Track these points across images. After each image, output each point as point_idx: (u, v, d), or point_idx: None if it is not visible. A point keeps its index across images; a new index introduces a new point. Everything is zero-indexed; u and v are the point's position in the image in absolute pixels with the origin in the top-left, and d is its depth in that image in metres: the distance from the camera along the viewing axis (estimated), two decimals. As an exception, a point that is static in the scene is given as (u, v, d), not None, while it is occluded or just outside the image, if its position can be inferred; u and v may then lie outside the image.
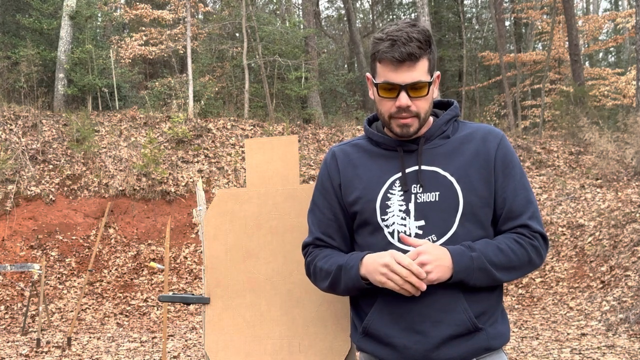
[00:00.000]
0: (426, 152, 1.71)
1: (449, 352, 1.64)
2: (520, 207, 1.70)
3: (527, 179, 1.76)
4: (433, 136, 1.73)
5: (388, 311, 1.68)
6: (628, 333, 6.61)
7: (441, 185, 1.68)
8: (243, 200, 2.26)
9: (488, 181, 1.69)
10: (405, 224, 1.68)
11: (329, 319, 2.13)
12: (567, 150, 12.88)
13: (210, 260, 2.26)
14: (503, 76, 17.77)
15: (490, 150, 1.71)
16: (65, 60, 14.69)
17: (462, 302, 1.64)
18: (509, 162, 1.72)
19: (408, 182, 1.69)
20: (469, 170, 1.69)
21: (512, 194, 1.70)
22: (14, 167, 11.19)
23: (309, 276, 1.86)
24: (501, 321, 1.73)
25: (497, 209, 1.71)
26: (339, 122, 15.16)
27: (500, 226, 1.72)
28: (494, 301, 1.71)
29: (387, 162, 1.74)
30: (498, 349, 1.71)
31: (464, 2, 23.31)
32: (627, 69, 19.32)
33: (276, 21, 19.00)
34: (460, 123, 1.80)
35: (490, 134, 1.74)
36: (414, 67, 1.62)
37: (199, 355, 6.81)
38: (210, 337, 2.23)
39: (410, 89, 1.63)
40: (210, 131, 13.00)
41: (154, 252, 10.51)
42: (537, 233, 1.70)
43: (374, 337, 1.71)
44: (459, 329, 1.63)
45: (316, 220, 1.83)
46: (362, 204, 1.73)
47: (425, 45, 1.62)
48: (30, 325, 8.68)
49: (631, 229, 8.92)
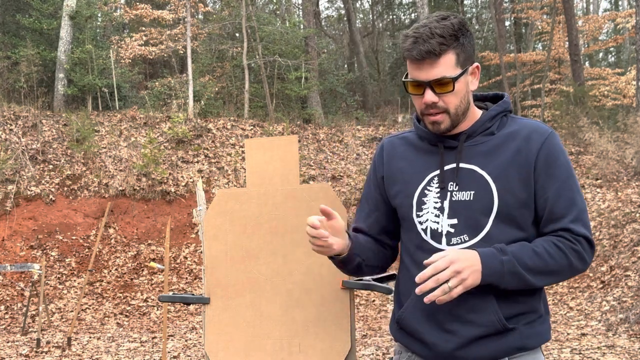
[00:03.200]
0: (466, 150, 1.68)
1: (479, 351, 1.63)
2: (563, 209, 1.63)
3: (575, 180, 1.67)
4: (475, 132, 1.69)
5: (420, 308, 1.68)
6: (628, 333, 6.61)
7: (477, 184, 1.64)
8: (243, 200, 2.26)
9: (527, 181, 1.63)
10: (438, 221, 1.67)
11: (329, 319, 2.12)
12: (567, 150, 12.87)
13: (210, 260, 2.26)
14: (503, 76, 17.76)
15: (533, 149, 1.64)
16: (65, 60, 14.68)
17: (492, 304, 1.61)
18: (553, 161, 1.64)
19: (445, 180, 1.67)
20: (509, 169, 1.63)
21: (555, 195, 1.63)
22: (14, 167, 11.19)
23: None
24: (540, 321, 1.68)
25: (538, 210, 1.65)
26: (339, 122, 15.16)
27: (542, 228, 1.66)
28: (533, 302, 1.67)
29: (429, 158, 1.73)
30: (535, 348, 1.67)
31: (464, 2, 23.31)
32: (627, 69, 19.30)
33: (276, 21, 19.00)
34: (510, 118, 1.73)
35: (536, 132, 1.66)
36: (436, 64, 1.59)
37: (199, 355, 6.81)
38: (210, 337, 2.23)
39: (435, 85, 1.61)
40: (210, 131, 12.99)
41: (154, 252, 10.51)
42: (581, 237, 1.62)
43: (406, 331, 1.74)
44: (488, 329, 1.61)
45: (358, 211, 1.88)
46: (401, 198, 1.74)
47: (450, 39, 1.59)
48: (30, 325, 8.68)
49: (631, 229, 8.91)
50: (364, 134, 13.87)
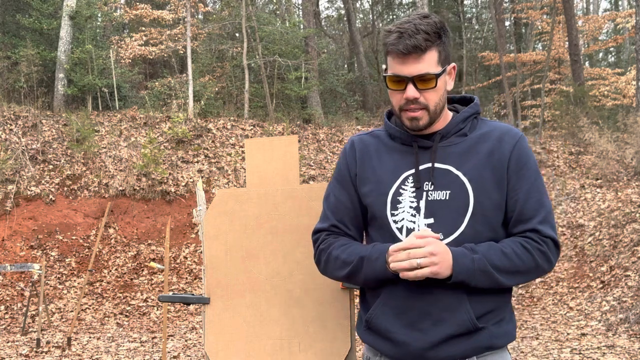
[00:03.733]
0: (441, 150, 1.69)
1: (449, 350, 1.63)
2: (532, 210, 1.66)
3: (542, 182, 1.71)
4: (449, 133, 1.71)
5: (390, 306, 1.68)
6: (628, 333, 6.61)
7: (453, 184, 1.66)
8: (243, 200, 2.26)
9: (500, 183, 1.66)
10: (414, 220, 1.67)
11: (329, 319, 2.12)
12: (567, 150, 12.87)
13: (210, 260, 2.26)
14: (503, 76, 17.76)
15: (505, 151, 1.68)
16: (65, 60, 14.68)
17: (465, 303, 1.62)
18: (524, 163, 1.68)
19: (421, 179, 1.68)
20: (483, 170, 1.66)
21: (524, 197, 1.66)
22: (14, 167, 11.19)
23: (319, 263, 1.82)
24: (507, 320, 1.70)
25: (508, 211, 1.68)
26: (339, 122, 15.16)
27: (510, 229, 1.69)
28: (501, 302, 1.69)
29: (402, 157, 1.72)
30: (502, 348, 1.70)
31: (464, 2, 23.31)
32: (627, 69, 19.30)
33: (276, 21, 18.98)
34: (480, 121, 1.76)
35: (507, 134, 1.71)
36: (421, 59, 1.61)
37: (199, 355, 6.81)
38: (210, 337, 2.23)
39: (417, 80, 1.62)
40: (210, 131, 12.99)
41: (154, 252, 10.51)
42: (548, 238, 1.66)
43: (375, 331, 1.71)
44: (459, 328, 1.62)
45: (332, 207, 1.80)
46: (373, 197, 1.72)
47: (434, 36, 1.61)
48: (30, 325, 8.68)
49: (631, 229, 8.91)
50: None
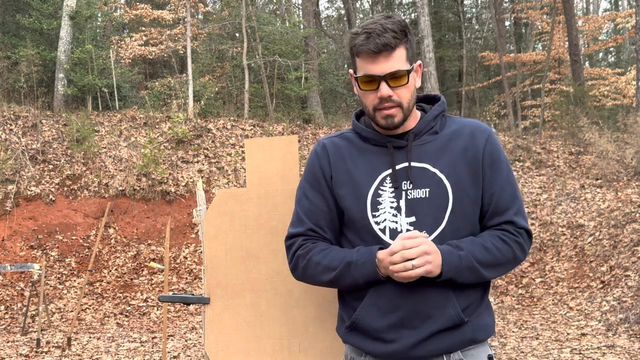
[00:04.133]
0: (415, 149, 1.71)
1: (435, 346, 1.65)
2: (506, 202, 1.71)
3: (513, 174, 1.76)
4: (422, 132, 1.73)
5: (378, 306, 1.68)
6: (628, 333, 6.61)
7: (431, 181, 1.67)
8: (243, 200, 2.26)
9: (476, 178, 1.70)
10: (396, 220, 1.67)
11: (328, 319, 2.13)
12: (567, 150, 12.87)
13: (210, 260, 2.26)
14: (503, 76, 17.76)
15: (479, 147, 1.71)
16: (65, 60, 14.68)
17: (452, 298, 1.65)
18: (497, 158, 1.72)
19: (398, 179, 1.68)
20: (458, 166, 1.69)
21: (499, 190, 1.71)
22: (14, 167, 11.19)
23: (295, 269, 1.79)
24: (486, 313, 1.73)
25: (484, 205, 1.71)
26: (339, 122, 15.16)
27: (486, 221, 1.73)
28: (479, 294, 1.72)
29: (377, 158, 1.72)
30: (483, 341, 1.72)
31: (464, 2, 23.31)
32: (627, 69, 19.31)
33: (276, 21, 18.99)
34: (447, 118, 1.79)
35: (478, 130, 1.74)
36: (391, 57, 1.62)
37: (199, 355, 6.81)
38: (210, 337, 2.23)
39: (390, 78, 1.64)
40: (210, 131, 12.99)
41: (154, 252, 10.51)
42: (522, 229, 1.71)
43: (362, 331, 1.71)
44: (446, 323, 1.64)
45: (306, 211, 1.77)
46: (352, 199, 1.71)
47: (401, 34, 1.63)
48: (30, 325, 8.68)
49: (631, 229, 8.91)
50: (364, 134, 13.86)
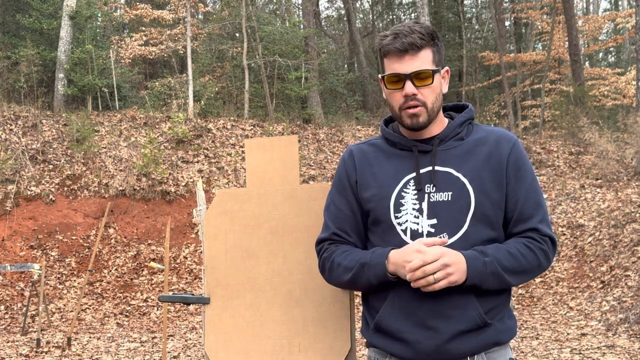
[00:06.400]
0: (440, 153, 1.75)
1: (460, 347, 1.67)
2: (531, 210, 1.73)
3: (538, 183, 1.78)
4: (447, 137, 1.77)
5: (399, 307, 1.70)
6: (628, 333, 6.61)
7: (454, 185, 1.71)
8: (243, 200, 2.26)
9: (500, 184, 1.72)
10: (418, 222, 1.71)
11: (329, 319, 2.12)
12: (567, 150, 12.87)
13: (210, 260, 2.26)
14: (503, 76, 17.76)
15: (503, 154, 1.74)
16: (65, 60, 14.68)
17: (473, 301, 1.66)
18: (521, 165, 1.75)
19: (422, 182, 1.72)
20: (482, 172, 1.72)
21: (524, 197, 1.73)
22: (14, 167, 11.19)
23: (323, 272, 1.86)
24: (509, 317, 1.76)
25: (508, 212, 1.74)
26: (339, 122, 15.16)
27: (511, 228, 1.75)
28: (503, 299, 1.74)
29: (402, 161, 1.77)
30: (505, 343, 1.75)
31: (464, 2, 23.30)
32: (627, 69, 19.30)
33: (276, 21, 18.99)
34: (474, 126, 1.83)
35: (504, 138, 1.77)
36: (417, 57, 1.68)
37: (199, 355, 6.81)
38: (210, 337, 2.23)
39: (415, 77, 1.69)
40: (210, 131, 12.99)
41: (154, 252, 10.51)
42: (547, 237, 1.73)
43: (385, 333, 1.74)
44: (469, 324, 1.66)
45: (332, 217, 1.85)
46: (376, 201, 1.76)
47: (428, 37, 1.69)
48: (30, 325, 8.68)
49: (631, 229, 8.91)
50: (364, 134, 13.87)
